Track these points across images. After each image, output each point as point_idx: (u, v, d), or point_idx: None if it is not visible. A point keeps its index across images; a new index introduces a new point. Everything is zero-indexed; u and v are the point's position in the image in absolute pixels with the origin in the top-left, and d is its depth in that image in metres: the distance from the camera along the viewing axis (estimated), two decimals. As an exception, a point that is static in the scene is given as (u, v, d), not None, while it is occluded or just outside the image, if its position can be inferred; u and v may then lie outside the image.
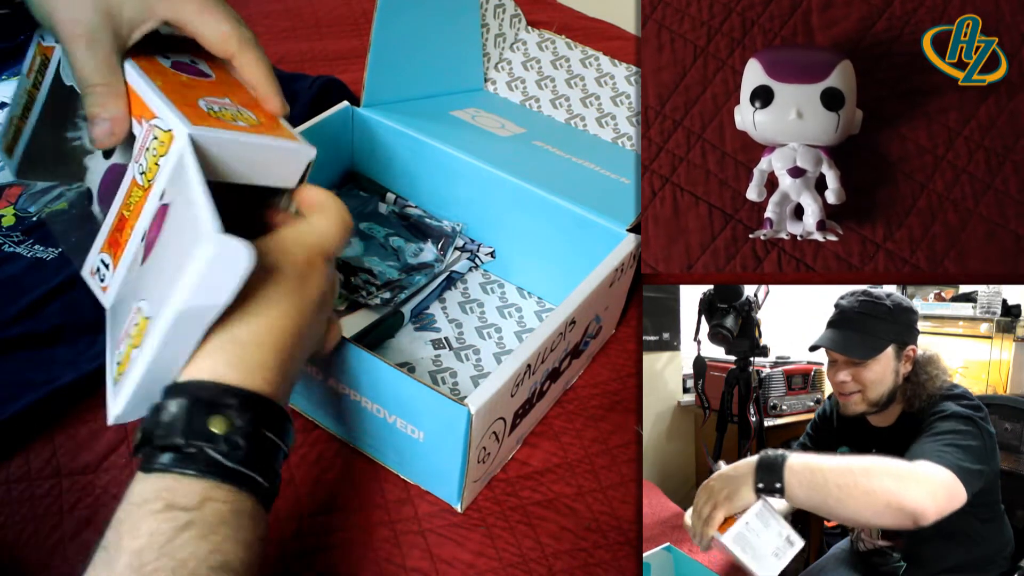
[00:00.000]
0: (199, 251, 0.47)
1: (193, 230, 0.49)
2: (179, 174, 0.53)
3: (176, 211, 0.52)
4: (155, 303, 0.50)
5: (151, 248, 0.53)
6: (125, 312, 0.54)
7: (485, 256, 0.95)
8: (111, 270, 0.57)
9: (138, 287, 0.53)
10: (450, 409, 0.64)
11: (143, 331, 0.50)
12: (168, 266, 0.50)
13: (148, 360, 0.49)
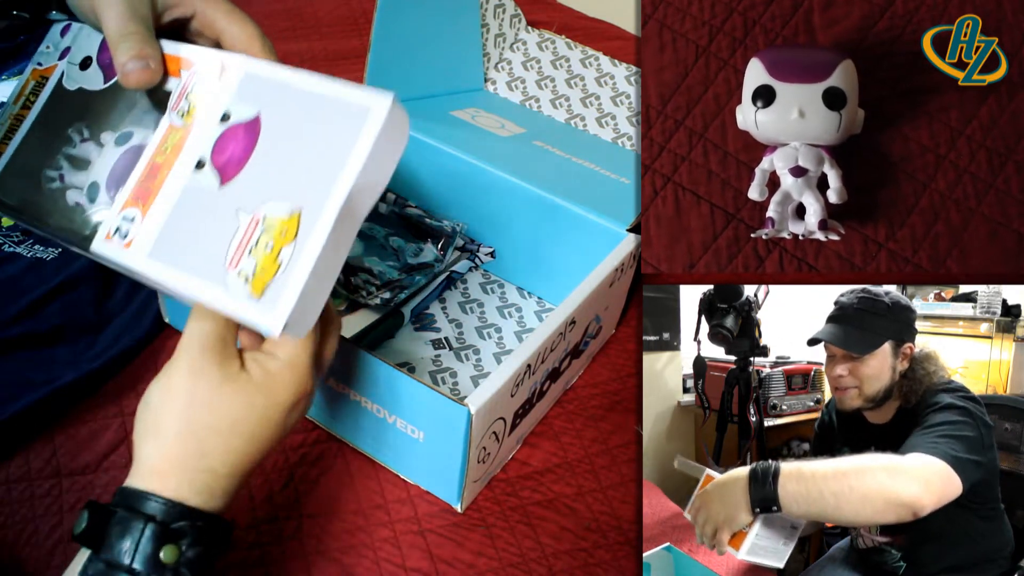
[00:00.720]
0: (370, 121, 0.47)
1: (331, 109, 0.48)
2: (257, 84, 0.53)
3: (277, 113, 0.51)
4: (296, 197, 0.48)
5: (242, 162, 0.51)
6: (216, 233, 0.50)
7: (485, 256, 0.95)
8: (138, 221, 0.53)
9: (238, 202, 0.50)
10: (450, 409, 0.64)
11: (294, 226, 0.48)
12: (297, 160, 0.49)
13: (321, 247, 0.47)
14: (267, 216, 0.49)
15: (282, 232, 0.48)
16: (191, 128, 0.54)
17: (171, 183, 0.53)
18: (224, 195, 0.51)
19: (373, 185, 0.49)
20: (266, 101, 0.52)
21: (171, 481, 0.50)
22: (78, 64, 0.61)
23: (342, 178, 0.47)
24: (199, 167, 0.52)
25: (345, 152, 0.47)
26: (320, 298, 0.49)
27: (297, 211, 0.48)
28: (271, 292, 0.47)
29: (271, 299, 0.47)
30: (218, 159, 0.52)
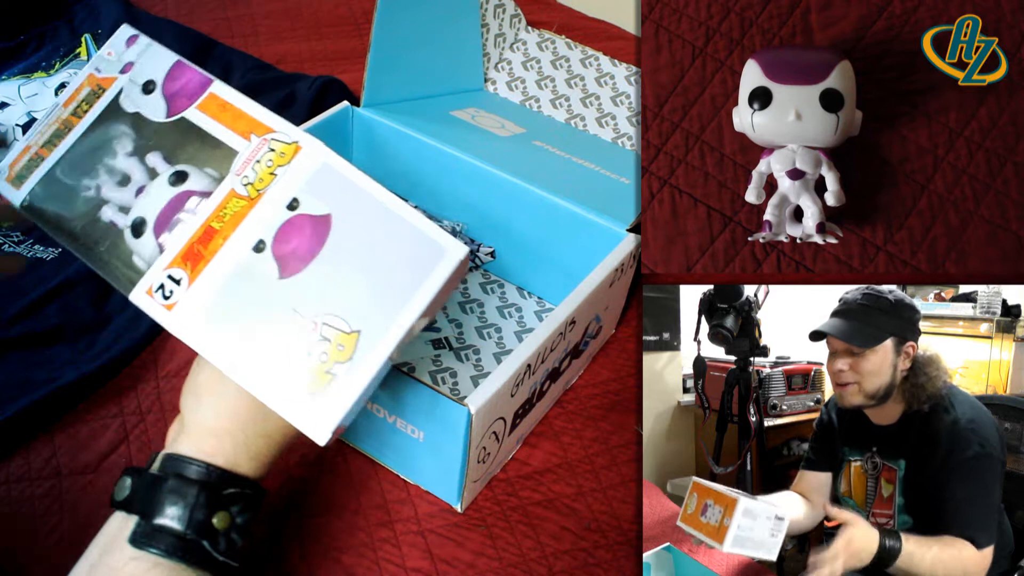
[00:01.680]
0: (443, 264, 0.50)
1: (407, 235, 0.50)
2: (333, 181, 0.53)
3: (350, 219, 0.52)
4: (360, 317, 0.50)
5: (306, 260, 0.51)
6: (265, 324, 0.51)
7: (485, 256, 0.95)
8: (184, 285, 0.53)
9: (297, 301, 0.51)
10: (450, 409, 0.64)
11: (351, 345, 0.49)
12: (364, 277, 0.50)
13: (373, 373, 0.49)
14: (325, 326, 0.50)
15: (339, 347, 0.49)
16: (255, 203, 0.53)
17: (225, 256, 0.52)
18: (282, 289, 0.51)
19: (428, 316, 0.51)
20: (339, 201, 0.52)
21: (227, 443, 0.51)
22: (140, 85, 0.60)
23: (407, 312, 0.50)
24: (258, 250, 0.52)
25: (415, 286, 0.50)
26: (362, 404, 0.51)
27: (357, 331, 0.50)
28: (326, 398, 0.49)
29: (322, 406, 0.49)
30: (280, 248, 0.52)
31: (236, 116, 0.56)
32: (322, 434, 0.49)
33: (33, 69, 1.13)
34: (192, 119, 0.57)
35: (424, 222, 0.51)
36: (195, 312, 0.52)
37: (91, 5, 1.23)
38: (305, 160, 0.54)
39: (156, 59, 0.61)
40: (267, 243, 0.52)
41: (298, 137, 0.54)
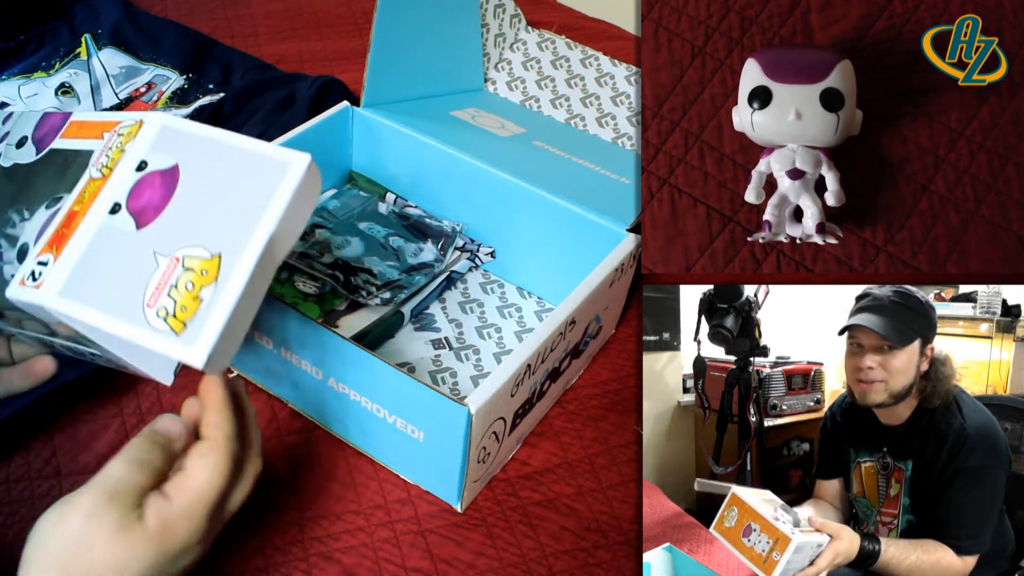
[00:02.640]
0: (289, 174, 0.51)
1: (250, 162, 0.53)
2: (174, 137, 0.56)
3: (195, 163, 0.54)
4: (216, 242, 0.51)
5: (160, 208, 0.53)
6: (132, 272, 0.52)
7: (485, 256, 0.95)
8: (51, 264, 0.54)
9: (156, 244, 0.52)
10: (450, 409, 0.64)
11: (214, 268, 0.51)
12: (216, 207, 0.52)
13: (241, 286, 0.50)
14: (187, 258, 0.51)
15: (202, 272, 0.51)
16: (107, 178, 0.56)
17: (85, 227, 0.55)
18: (141, 238, 0.53)
19: (287, 235, 0.53)
20: (184, 152, 0.55)
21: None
22: (15, 144, 0.64)
23: (262, 225, 0.51)
24: (114, 211, 0.54)
25: (265, 202, 0.52)
26: (238, 338, 0.52)
27: (217, 254, 0.51)
28: (192, 328, 0.50)
29: (193, 334, 0.50)
30: (134, 204, 0.54)
31: (91, 127, 0.60)
32: (199, 356, 0.49)
33: (33, 69, 1.13)
34: (58, 147, 0.62)
35: (264, 145, 0.54)
36: (60, 280, 0.54)
37: (91, 5, 1.23)
38: (147, 129, 0.57)
39: (27, 121, 0.65)
40: (122, 203, 0.55)
41: (140, 116, 0.58)
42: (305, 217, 0.54)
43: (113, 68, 1.14)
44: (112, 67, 1.14)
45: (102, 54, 1.16)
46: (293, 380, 0.77)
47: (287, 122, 1.01)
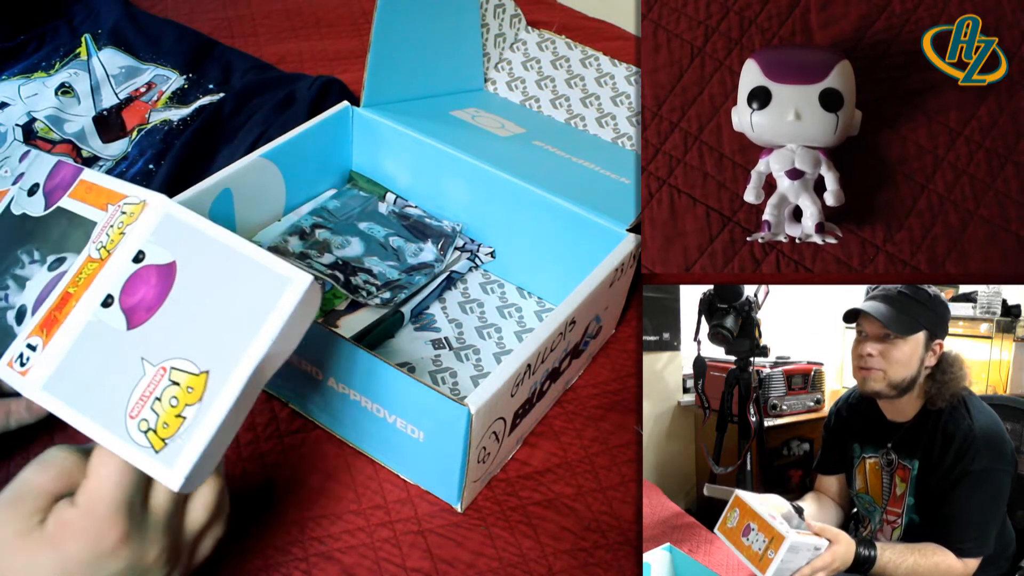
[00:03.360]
0: (288, 294, 0.49)
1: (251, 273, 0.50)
2: (175, 230, 0.54)
3: (194, 263, 0.52)
4: (206, 357, 0.50)
5: (153, 308, 0.52)
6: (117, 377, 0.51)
7: (485, 256, 0.95)
8: (39, 350, 0.54)
9: (145, 349, 0.51)
10: (450, 409, 0.64)
11: (200, 386, 0.49)
12: (209, 318, 0.51)
13: (226, 411, 0.49)
14: (174, 370, 0.50)
15: (188, 389, 0.49)
16: (105, 263, 0.54)
17: (76, 316, 0.53)
18: (130, 340, 0.52)
19: (282, 353, 0.51)
20: (183, 248, 0.53)
21: None
22: (27, 191, 0.63)
23: (254, 347, 0.49)
24: (106, 305, 0.53)
25: (260, 321, 0.49)
26: (218, 453, 0.51)
27: (205, 371, 0.49)
28: (172, 447, 0.48)
29: (172, 454, 0.48)
30: (127, 300, 0.53)
31: (99, 193, 0.59)
32: (176, 479, 0.48)
33: (33, 69, 1.13)
34: (65, 206, 0.60)
35: (267, 256, 0.51)
36: (45, 373, 0.52)
37: (91, 5, 1.23)
38: (150, 214, 0.55)
39: (40, 166, 0.63)
40: (115, 297, 0.53)
41: (145, 196, 0.56)
42: (300, 335, 0.52)
43: (113, 68, 1.14)
44: (112, 67, 1.15)
45: (102, 54, 1.16)
46: (293, 380, 0.77)
47: (287, 122, 1.01)
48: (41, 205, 0.61)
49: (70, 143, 1.04)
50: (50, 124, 1.05)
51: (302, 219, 0.94)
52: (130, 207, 0.56)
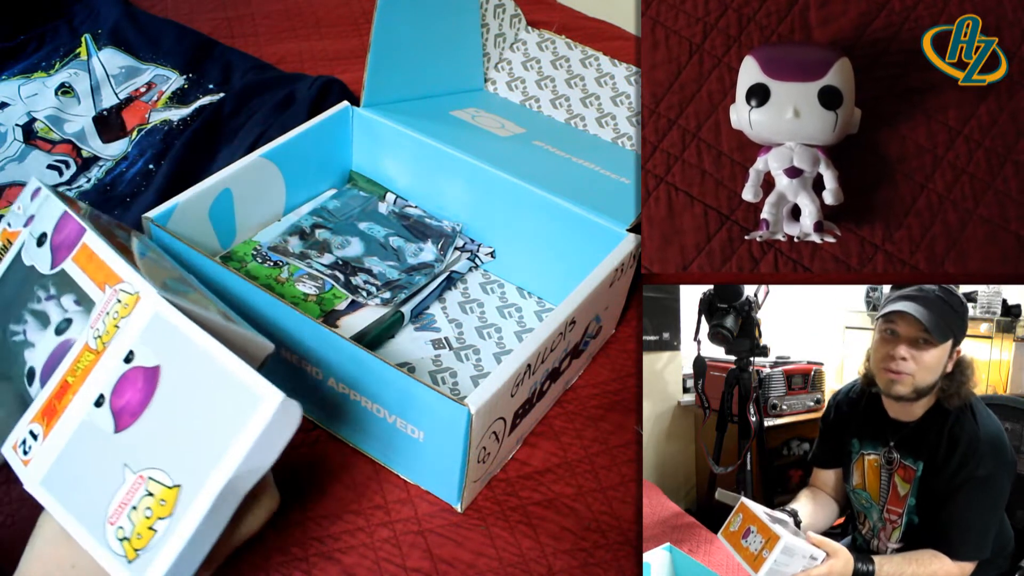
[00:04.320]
0: (258, 413, 0.49)
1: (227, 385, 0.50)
2: (162, 332, 0.54)
3: (177, 369, 0.53)
4: (179, 470, 0.50)
5: (137, 412, 0.53)
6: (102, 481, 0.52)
7: (485, 256, 0.95)
8: (39, 440, 0.55)
9: (127, 455, 0.52)
10: (450, 409, 0.64)
11: (172, 500, 0.50)
12: (186, 429, 0.51)
13: (193, 529, 0.49)
14: (150, 480, 0.51)
15: (160, 503, 0.50)
16: (101, 356, 0.55)
17: (72, 412, 0.54)
18: (116, 444, 0.53)
19: (256, 469, 0.51)
20: (168, 353, 0.53)
21: None
22: (36, 239, 0.63)
23: (224, 464, 0.49)
24: (99, 404, 0.54)
25: (231, 438, 0.50)
26: (193, 563, 0.51)
27: (178, 485, 0.50)
28: (143, 560, 0.49)
29: (142, 566, 0.49)
30: (116, 402, 0.53)
31: (98, 267, 0.59)
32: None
33: (33, 69, 1.13)
34: (68, 270, 0.61)
35: (244, 370, 0.51)
36: (42, 468, 0.54)
37: (91, 5, 1.23)
38: (142, 310, 0.55)
39: (50, 211, 0.64)
40: (106, 397, 0.54)
41: (139, 288, 0.56)
42: (278, 449, 0.52)
43: (113, 68, 1.15)
44: (112, 67, 1.15)
45: (102, 54, 1.16)
46: (293, 380, 0.77)
47: (287, 122, 1.01)
48: (48, 262, 0.62)
49: (70, 143, 1.04)
50: (50, 124, 1.05)
51: (302, 219, 0.94)
52: (125, 296, 0.56)
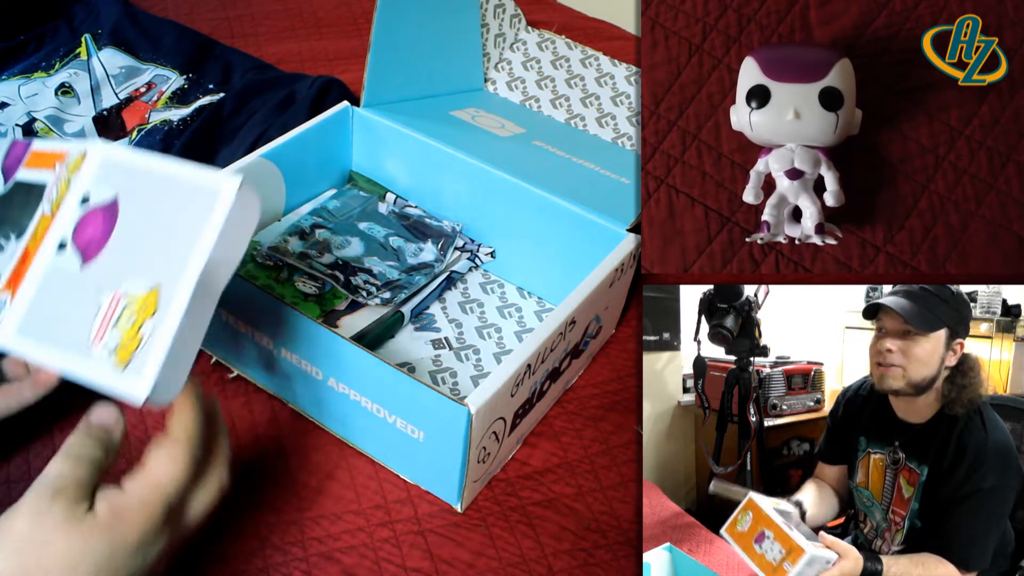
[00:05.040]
0: (220, 201, 0.52)
1: (184, 191, 0.53)
2: (114, 169, 0.57)
3: (134, 195, 0.56)
4: (154, 274, 0.52)
5: (102, 242, 0.55)
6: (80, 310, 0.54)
7: (485, 256, 0.95)
8: (7, 303, 0.57)
9: (100, 281, 0.54)
10: (450, 409, 0.64)
11: (154, 301, 0.52)
12: (153, 240, 0.54)
13: (179, 321, 0.51)
14: (128, 293, 0.53)
15: (143, 307, 0.52)
16: (56, 213, 0.58)
17: (37, 265, 0.57)
18: (86, 275, 0.55)
19: (227, 260, 0.54)
20: (123, 184, 0.56)
21: None
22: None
23: (196, 254, 0.52)
24: (61, 248, 0.56)
25: (198, 231, 0.52)
26: (184, 368, 0.53)
27: (156, 287, 0.52)
28: (135, 363, 0.51)
29: (135, 369, 0.51)
30: (79, 240, 0.56)
31: (47, 158, 0.62)
32: (140, 393, 0.50)
33: (33, 69, 1.13)
34: (21, 178, 0.63)
35: (197, 173, 0.54)
36: (15, 321, 0.56)
37: (91, 5, 1.23)
38: (90, 161, 0.58)
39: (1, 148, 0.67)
40: (68, 240, 0.56)
41: (85, 147, 0.59)
42: (244, 241, 0.55)
43: (113, 68, 1.14)
44: (112, 67, 1.15)
45: (102, 54, 1.16)
46: (293, 380, 0.77)
47: (287, 122, 1.01)
48: (2, 183, 0.64)
49: (70, 143, 1.04)
50: (50, 124, 1.05)
51: (302, 219, 0.94)
52: (72, 160, 0.59)
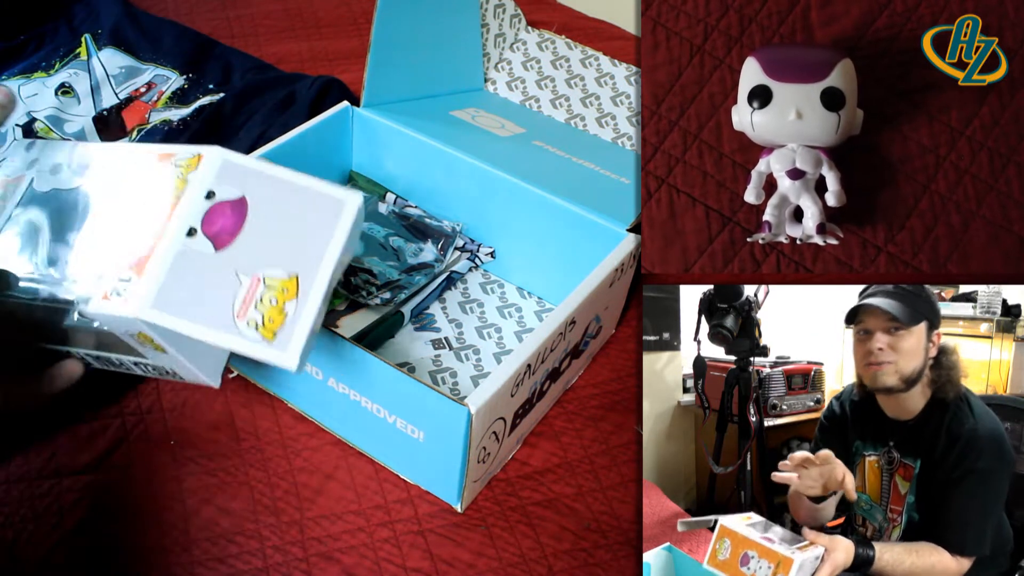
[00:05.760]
0: (347, 210, 0.61)
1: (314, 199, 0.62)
2: (235, 171, 0.63)
3: (261, 196, 0.62)
4: (291, 264, 0.60)
5: (234, 232, 0.61)
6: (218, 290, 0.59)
7: (485, 256, 0.95)
8: (134, 282, 0.60)
9: (237, 265, 0.60)
10: (450, 409, 0.64)
11: (294, 286, 0.59)
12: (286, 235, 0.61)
13: (318, 304, 0.59)
14: (267, 277, 0.60)
15: (283, 290, 0.59)
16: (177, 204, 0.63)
17: (163, 249, 0.61)
18: (220, 259, 0.60)
19: (344, 261, 0.62)
20: (247, 186, 0.63)
21: None
22: (48, 171, 0.71)
23: (329, 251, 0.61)
24: (191, 234, 0.61)
25: (329, 232, 0.61)
26: (312, 343, 0.60)
27: (295, 274, 0.60)
28: (282, 336, 0.58)
29: (283, 342, 0.58)
30: (209, 229, 0.61)
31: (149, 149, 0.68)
32: (292, 360, 0.58)
33: (33, 69, 1.13)
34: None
35: (322, 184, 0.63)
36: (149, 297, 0.59)
37: (91, 5, 1.23)
38: (208, 162, 0.63)
39: (55, 151, 0.72)
40: (197, 227, 0.61)
41: (200, 150, 0.64)
42: (355, 245, 0.64)
43: (113, 68, 1.14)
44: (112, 67, 1.14)
45: (102, 54, 1.16)
46: (294, 380, 0.77)
47: (287, 122, 1.01)
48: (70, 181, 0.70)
49: (70, 143, 1.04)
50: (50, 124, 1.05)
51: (302, 219, 0.94)
52: (185, 160, 0.64)
